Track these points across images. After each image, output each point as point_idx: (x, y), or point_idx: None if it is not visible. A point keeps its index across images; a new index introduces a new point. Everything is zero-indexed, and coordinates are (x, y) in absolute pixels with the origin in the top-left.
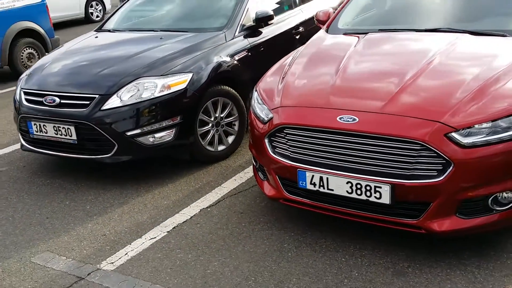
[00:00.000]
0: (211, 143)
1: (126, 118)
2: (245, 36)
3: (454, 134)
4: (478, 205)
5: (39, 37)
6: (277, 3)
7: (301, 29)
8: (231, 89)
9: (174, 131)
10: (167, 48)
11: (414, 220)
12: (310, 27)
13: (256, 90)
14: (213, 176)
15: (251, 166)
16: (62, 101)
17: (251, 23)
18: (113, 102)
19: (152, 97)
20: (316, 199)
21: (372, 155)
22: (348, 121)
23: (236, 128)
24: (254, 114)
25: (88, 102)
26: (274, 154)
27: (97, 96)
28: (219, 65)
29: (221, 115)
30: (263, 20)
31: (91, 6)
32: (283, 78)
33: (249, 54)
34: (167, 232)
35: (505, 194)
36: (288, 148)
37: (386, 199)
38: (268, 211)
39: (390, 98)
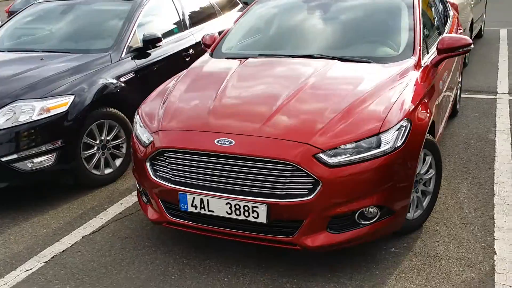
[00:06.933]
0: (97, 166)
1: (2, 143)
2: (133, 58)
3: (321, 155)
4: (346, 220)
5: None
6: (166, 26)
7: (190, 51)
8: (118, 111)
9: (54, 156)
10: (47, 69)
11: (289, 237)
12: (199, 50)
13: (137, 114)
14: (98, 201)
15: None
16: None
17: (138, 44)
18: None
19: (30, 120)
20: (198, 221)
21: (248, 176)
22: (225, 144)
23: (123, 150)
24: (136, 138)
25: None
26: (156, 177)
27: None
28: (104, 87)
29: (107, 138)
30: (150, 42)
31: None
32: (164, 101)
33: (137, 76)
34: (44, 262)
35: (370, 209)
36: (169, 171)
37: (263, 218)
38: (153, 235)
39: (265, 121)
